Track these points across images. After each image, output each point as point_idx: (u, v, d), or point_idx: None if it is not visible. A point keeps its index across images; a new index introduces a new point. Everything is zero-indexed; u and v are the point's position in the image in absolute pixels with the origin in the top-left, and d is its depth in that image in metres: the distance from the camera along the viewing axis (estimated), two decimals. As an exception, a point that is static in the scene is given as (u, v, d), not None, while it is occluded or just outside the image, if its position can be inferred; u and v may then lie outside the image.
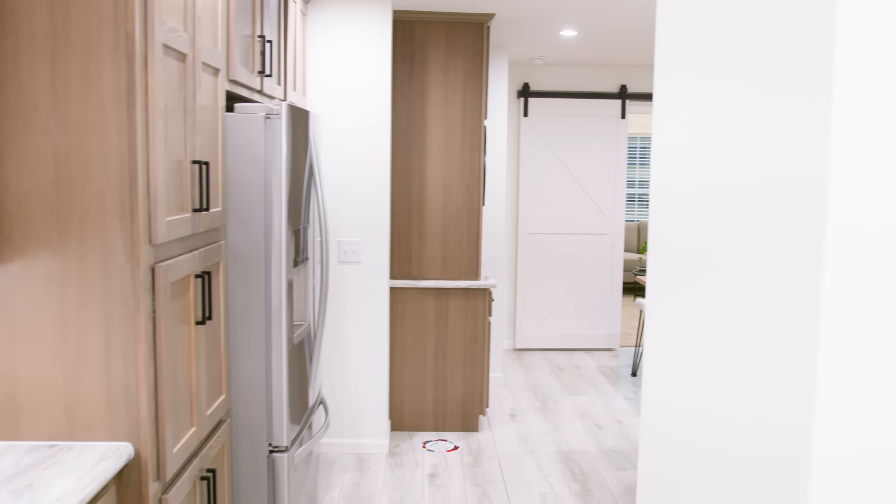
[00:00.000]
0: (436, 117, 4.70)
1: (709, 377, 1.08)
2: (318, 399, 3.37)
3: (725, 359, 1.05)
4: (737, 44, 1.02)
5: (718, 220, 1.07)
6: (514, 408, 5.40)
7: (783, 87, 0.90)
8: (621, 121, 7.05)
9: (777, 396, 0.89)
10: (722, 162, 1.09)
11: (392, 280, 4.72)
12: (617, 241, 7.17)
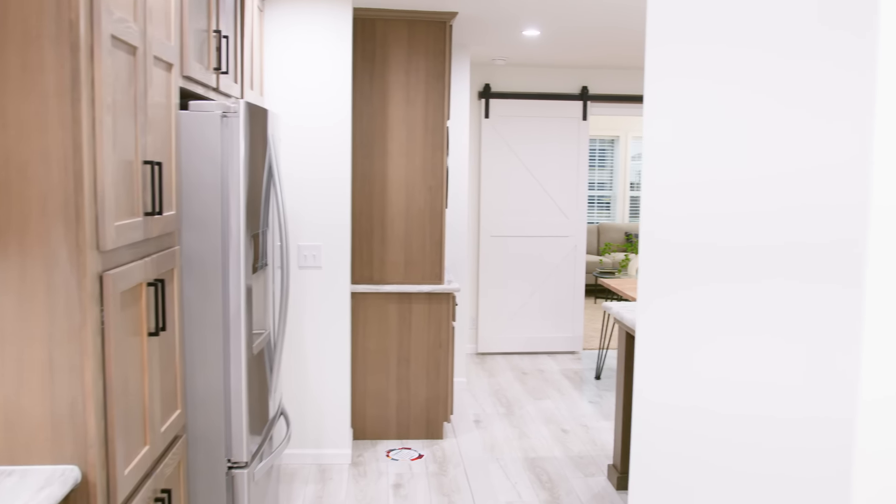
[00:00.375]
0: (397, 118, 4.59)
1: (732, 375, 1.00)
2: (279, 410, 3.23)
3: (749, 354, 0.97)
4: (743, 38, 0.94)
5: (732, 215, 0.98)
6: (478, 414, 5.31)
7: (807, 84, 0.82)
8: (583, 122, 7.01)
9: (815, 390, 0.81)
10: (734, 153, 1.00)
11: (353, 285, 4.59)
12: (579, 244, 7.13)
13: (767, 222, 0.94)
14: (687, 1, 1.15)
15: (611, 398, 5.71)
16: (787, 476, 0.90)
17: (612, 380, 6.22)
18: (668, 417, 1.21)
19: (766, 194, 0.94)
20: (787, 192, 0.88)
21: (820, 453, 0.83)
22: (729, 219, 1.06)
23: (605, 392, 5.87)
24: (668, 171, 1.24)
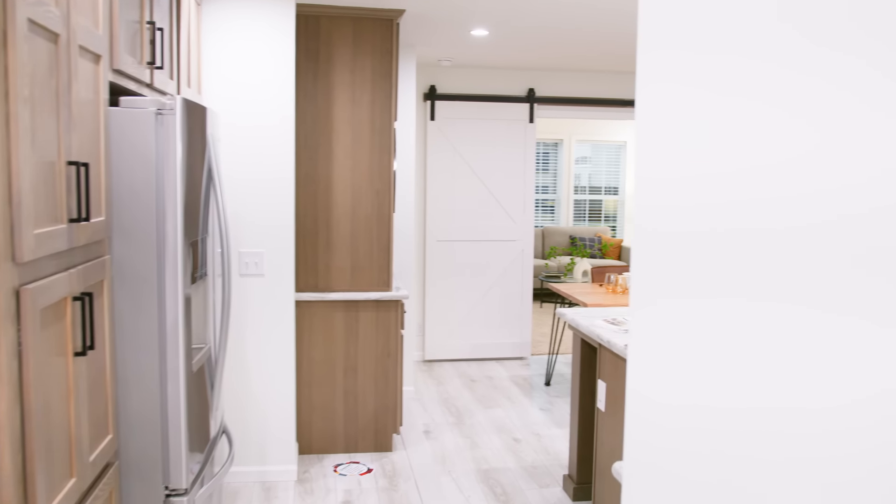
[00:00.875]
0: (343, 118, 4.41)
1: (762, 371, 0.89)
2: (221, 428, 3.03)
3: (780, 348, 0.85)
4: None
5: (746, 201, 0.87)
6: (428, 424, 5.16)
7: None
8: (529, 125, 6.93)
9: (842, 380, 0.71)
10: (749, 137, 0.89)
11: (298, 293, 4.40)
12: (526, 248, 7.05)
13: (776, 207, 0.83)
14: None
15: (562, 405, 5.63)
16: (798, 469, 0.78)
17: (563, 386, 6.14)
18: (677, 415, 1.09)
19: (770, 181, 0.82)
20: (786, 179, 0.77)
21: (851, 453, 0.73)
22: (733, 206, 0.95)
23: (556, 399, 5.78)
24: (666, 161, 1.12)
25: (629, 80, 7.11)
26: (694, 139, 1.04)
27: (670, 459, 1.13)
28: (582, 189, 11.18)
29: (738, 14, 0.93)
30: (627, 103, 7.08)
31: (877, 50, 0.72)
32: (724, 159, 0.98)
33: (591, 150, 11.16)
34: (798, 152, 0.84)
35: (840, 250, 0.76)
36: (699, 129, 1.03)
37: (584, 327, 3.66)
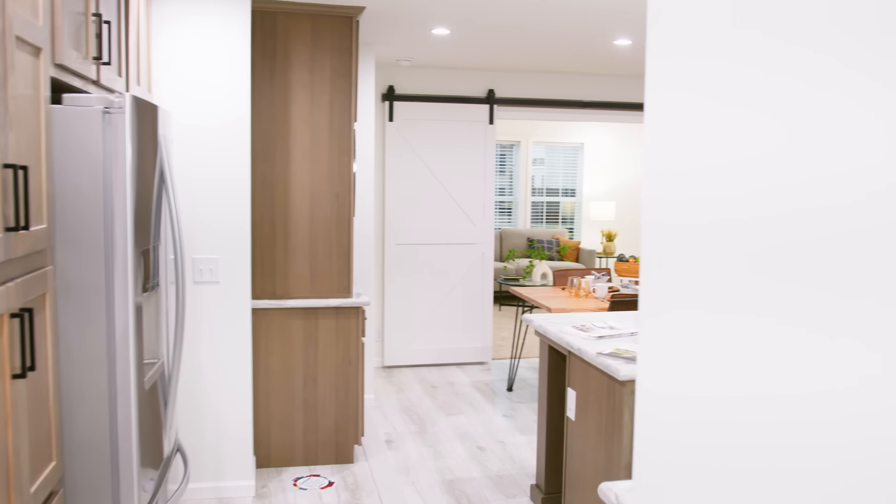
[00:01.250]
0: (301, 119, 4.26)
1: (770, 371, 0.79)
2: (175, 446, 2.86)
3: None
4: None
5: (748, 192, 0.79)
6: (389, 433, 5.02)
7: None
8: (489, 126, 6.84)
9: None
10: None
11: (255, 300, 4.22)
12: (487, 251, 6.95)
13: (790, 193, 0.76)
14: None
15: (525, 411, 5.54)
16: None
17: (525, 391, 6.05)
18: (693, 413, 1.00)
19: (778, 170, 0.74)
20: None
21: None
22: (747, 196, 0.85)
23: (519, 405, 5.69)
24: (683, 153, 1.03)
25: (589, 82, 7.06)
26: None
27: (679, 454, 1.04)
28: (539, 191, 11.14)
29: (734, 25, 0.88)
30: (587, 105, 7.03)
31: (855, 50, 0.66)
32: (720, 154, 0.89)
33: (546, 152, 11.13)
34: (768, 149, 0.76)
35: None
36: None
37: (552, 334, 3.57)
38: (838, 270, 0.73)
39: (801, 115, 0.78)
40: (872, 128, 0.69)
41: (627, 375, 2.89)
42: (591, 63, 6.33)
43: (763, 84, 0.84)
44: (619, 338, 3.44)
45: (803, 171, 0.78)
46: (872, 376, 0.70)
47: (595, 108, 7.07)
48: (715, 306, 0.95)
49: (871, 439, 0.70)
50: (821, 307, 0.75)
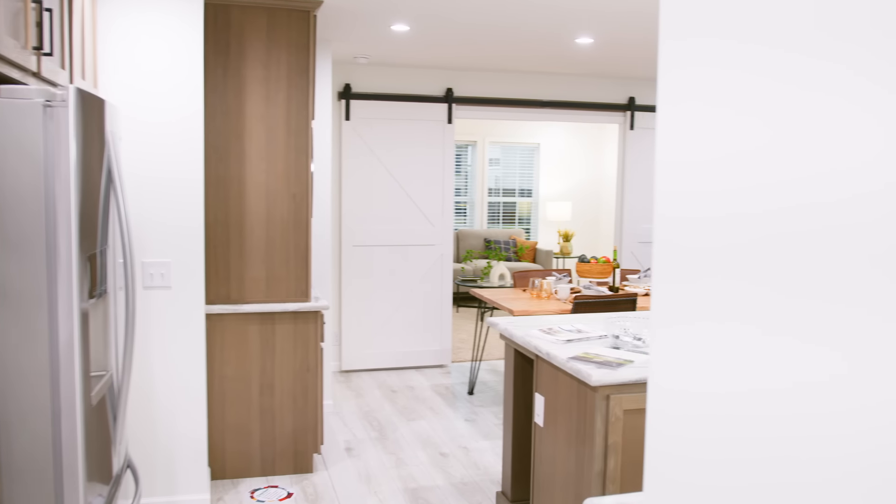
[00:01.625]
0: (256, 116, 4.10)
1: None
2: (126, 462, 2.69)
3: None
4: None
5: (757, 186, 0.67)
6: (349, 440, 4.88)
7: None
8: (448, 126, 6.74)
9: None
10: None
11: (209, 305, 4.05)
12: (446, 252, 6.85)
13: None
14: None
15: (487, 415, 5.44)
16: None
17: (486, 395, 5.96)
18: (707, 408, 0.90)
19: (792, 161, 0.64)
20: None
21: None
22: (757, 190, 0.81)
23: (480, 409, 5.59)
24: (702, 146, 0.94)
25: (549, 81, 7.01)
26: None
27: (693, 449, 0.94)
28: (495, 192, 11.08)
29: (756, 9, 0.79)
30: (547, 104, 6.98)
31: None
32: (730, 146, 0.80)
33: (502, 152, 11.07)
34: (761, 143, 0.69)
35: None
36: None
37: (518, 338, 3.48)
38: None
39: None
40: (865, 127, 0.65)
41: (600, 381, 2.80)
42: (551, 62, 6.27)
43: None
44: (588, 341, 3.37)
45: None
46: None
47: (555, 108, 7.02)
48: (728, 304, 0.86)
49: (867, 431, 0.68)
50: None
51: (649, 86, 7.29)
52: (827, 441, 0.74)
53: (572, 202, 11.16)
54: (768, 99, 0.82)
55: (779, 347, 0.81)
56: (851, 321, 0.71)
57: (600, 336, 3.43)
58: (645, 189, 7.33)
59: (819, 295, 0.76)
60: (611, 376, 2.82)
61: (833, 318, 0.73)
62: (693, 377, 0.96)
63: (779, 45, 0.79)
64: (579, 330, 3.54)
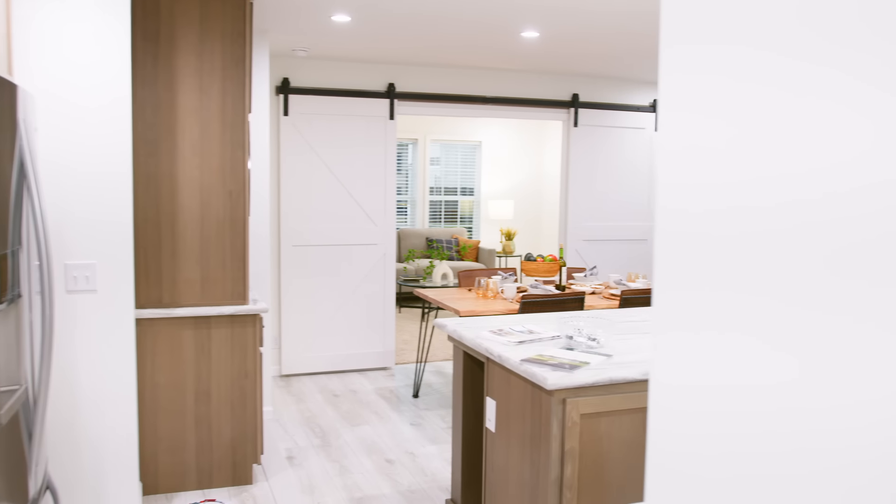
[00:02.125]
0: (189, 109, 3.87)
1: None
2: (44, 484, 2.46)
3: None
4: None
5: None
6: (290, 448, 4.68)
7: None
8: (390, 122, 6.57)
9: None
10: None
11: (139, 310, 3.81)
12: (388, 251, 6.68)
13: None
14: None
15: (433, 419, 5.30)
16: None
17: (432, 397, 5.82)
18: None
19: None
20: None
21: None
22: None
23: (426, 412, 5.45)
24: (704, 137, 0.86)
25: (494, 77, 6.90)
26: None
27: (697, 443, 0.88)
28: (436, 190, 10.95)
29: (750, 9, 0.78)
30: (491, 100, 6.87)
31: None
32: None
33: (444, 150, 10.95)
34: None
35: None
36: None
37: (468, 340, 3.34)
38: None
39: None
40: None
41: (556, 384, 2.68)
42: (496, 57, 6.16)
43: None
44: (541, 342, 3.25)
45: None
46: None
47: (499, 105, 6.91)
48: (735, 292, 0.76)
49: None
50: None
51: (593, 82, 7.25)
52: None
53: (514, 200, 11.10)
54: (745, 101, 0.79)
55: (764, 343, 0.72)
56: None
57: (553, 337, 3.32)
58: (589, 186, 7.28)
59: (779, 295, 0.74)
60: (567, 379, 2.70)
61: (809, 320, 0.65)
62: (695, 370, 0.86)
63: (768, 48, 0.77)
64: (531, 331, 3.42)
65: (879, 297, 0.64)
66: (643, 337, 3.37)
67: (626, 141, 7.40)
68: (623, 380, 2.79)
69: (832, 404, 0.70)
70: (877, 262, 0.64)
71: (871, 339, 0.65)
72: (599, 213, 7.35)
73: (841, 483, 0.70)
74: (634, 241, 7.52)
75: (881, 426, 0.64)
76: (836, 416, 0.69)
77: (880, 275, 0.64)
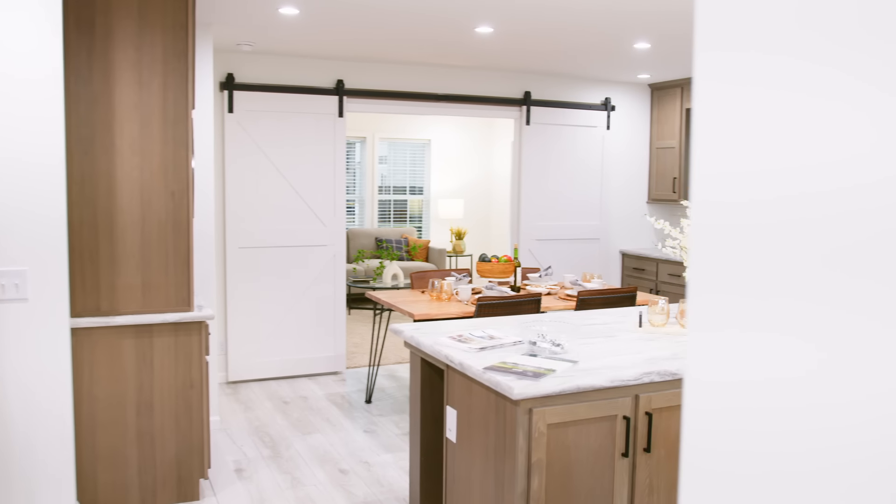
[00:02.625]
0: (128, 105, 3.65)
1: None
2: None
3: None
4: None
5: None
6: (239, 460, 4.48)
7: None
8: (339, 119, 6.39)
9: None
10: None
11: (75, 319, 3.58)
12: (338, 253, 6.51)
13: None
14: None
15: (387, 425, 5.14)
16: None
17: (385, 403, 5.66)
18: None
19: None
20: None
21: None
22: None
23: (380, 418, 5.29)
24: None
25: (446, 74, 6.77)
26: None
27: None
28: (385, 189, 10.79)
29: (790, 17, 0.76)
30: (442, 98, 6.74)
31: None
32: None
33: (392, 149, 10.79)
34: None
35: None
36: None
37: (427, 347, 3.20)
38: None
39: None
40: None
41: (522, 394, 2.57)
42: (449, 54, 6.03)
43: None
44: (502, 348, 3.13)
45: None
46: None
47: (450, 102, 6.79)
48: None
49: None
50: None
51: (546, 80, 7.18)
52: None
53: (464, 200, 11.00)
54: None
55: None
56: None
57: (514, 342, 3.20)
58: (542, 185, 7.21)
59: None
60: (534, 388, 2.59)
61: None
62: (736, 369, 0.80)
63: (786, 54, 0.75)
64: (491, 336, 3.30)
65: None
66: (607, 341, 3.28)
67: (579, 139, 7.35)
68: (591, 387, 2.68)
69: (871, 396, 0.68)
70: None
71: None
72: (552, 212, 7.29)
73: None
74: (587, 241, 7.48)
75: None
76: (877, 409, 0.68)
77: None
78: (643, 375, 2.78)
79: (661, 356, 3.02)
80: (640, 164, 7.77)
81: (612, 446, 2.78)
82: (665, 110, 7.55)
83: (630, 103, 7.64)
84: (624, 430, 2.79)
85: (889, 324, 0.65)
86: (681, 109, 7.34)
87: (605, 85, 7.49)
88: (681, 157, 7.34)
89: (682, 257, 3.70)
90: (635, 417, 2.81)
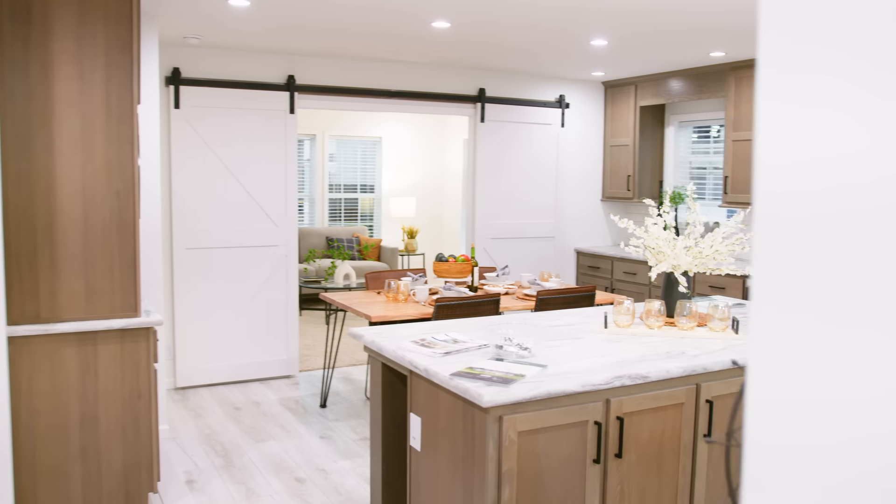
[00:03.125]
0: (68, 100, 3.44)
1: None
2: None
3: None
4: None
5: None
6: (190, 471, 4.29)
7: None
8: (290, 116, 6.22)
9: None
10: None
11: (11, 326, 3.36)
12: (290, 253, 6.33)
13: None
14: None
15: (344, 430, 5.00)
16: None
17: (341, 407, 5.51)
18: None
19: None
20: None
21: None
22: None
23: (336, 423, 5.15)
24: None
25: (400, 70, 6.64)
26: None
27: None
28: (336, 188, 10.60)
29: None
30: (396, 94, 6.61)
31: None
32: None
33: (342, 146, 10.61)
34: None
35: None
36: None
37: (389, 352, 3.08)
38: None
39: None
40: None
41: (493, 401, 2.47)
42: (403, 49, 5.90)
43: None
44: (468, 352, 3.03)
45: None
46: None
47: (404, 98, 6.66)
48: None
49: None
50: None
51: (500, 77, 7.10)
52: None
53: (416, 198, 10.88)
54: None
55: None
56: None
57: (480, 346, 3.10)
58: (496, 183, 7.13)
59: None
60: (504, 395, 2.49)
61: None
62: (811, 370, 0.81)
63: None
64: (455, 340, 3.19)
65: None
66: (574, 343, 3.20)
67: (534, 137, 7.29)
68: (562, 392, 2.60)
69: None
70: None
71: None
72: (507, 210, 7.22)
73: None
74: (543, 239, 7.43)
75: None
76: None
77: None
78: (614, 379, 2.70)
79: (630, 358, 2.95)
80: (594, 162, 7.76)
81: (584, 453, 2.70)
82: (619, 108, 7.53)
83: (584, 101, 7.61)
84: (595, 436, 2.71)
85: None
86: (634, 107, 7.33)
87: (560, 82, 7.45)
88: (634, 154, 7.34)
89: (646, 256, 3.65)
90: (606, 422, 2.74)
